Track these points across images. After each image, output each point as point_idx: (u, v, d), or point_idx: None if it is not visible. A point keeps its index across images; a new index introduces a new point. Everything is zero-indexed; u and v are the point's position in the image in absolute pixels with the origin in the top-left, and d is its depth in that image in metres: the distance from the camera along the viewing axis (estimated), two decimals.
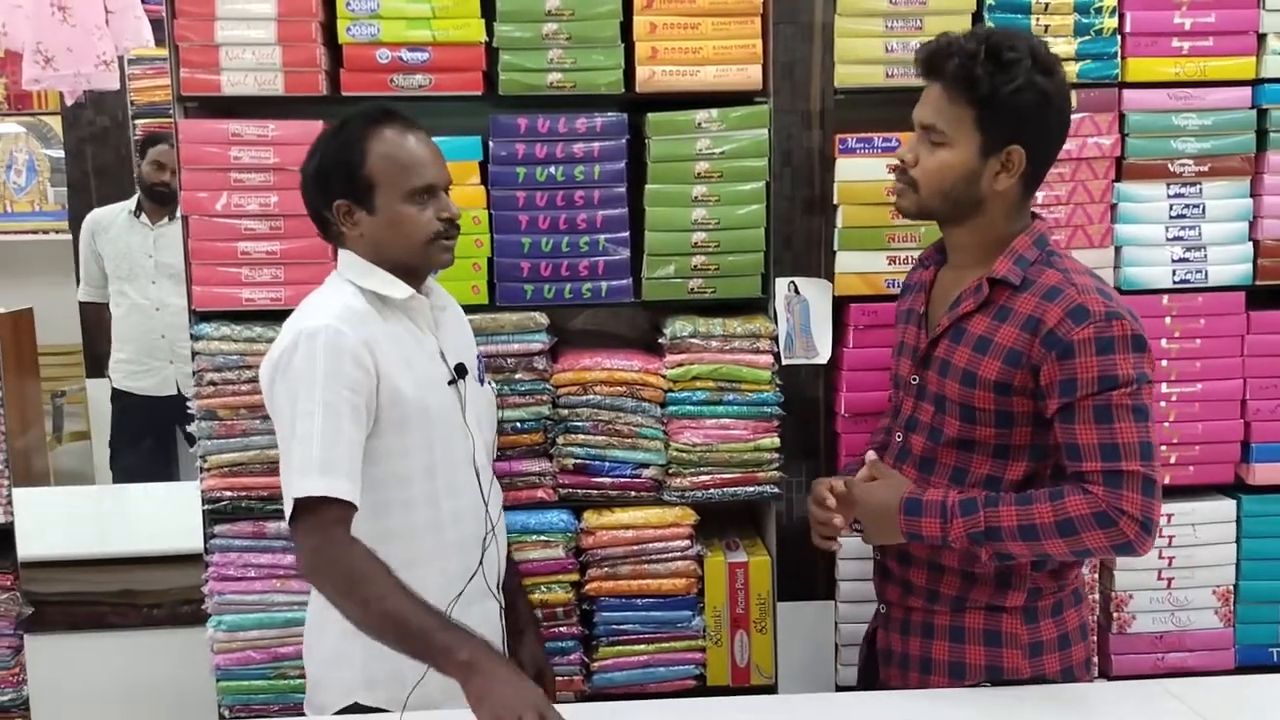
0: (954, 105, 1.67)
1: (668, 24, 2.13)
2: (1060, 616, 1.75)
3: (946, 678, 1.76)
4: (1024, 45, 1.65)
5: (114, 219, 4.17)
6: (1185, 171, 2.22)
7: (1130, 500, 1.59)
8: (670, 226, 2.18)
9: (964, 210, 1.72)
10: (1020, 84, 1.62)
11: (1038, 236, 1.73)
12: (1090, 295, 1.63)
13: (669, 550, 2.19)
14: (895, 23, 2.16)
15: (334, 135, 1.74)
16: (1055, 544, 1.63)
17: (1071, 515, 1.61)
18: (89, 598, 2.65)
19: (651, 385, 2.17)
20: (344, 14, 2.09)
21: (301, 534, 1.62)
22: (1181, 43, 2.19)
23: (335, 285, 1.77)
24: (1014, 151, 1.67)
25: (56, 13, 3.21)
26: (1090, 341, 1.60)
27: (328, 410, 1.61)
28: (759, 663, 2.25)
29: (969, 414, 1.72)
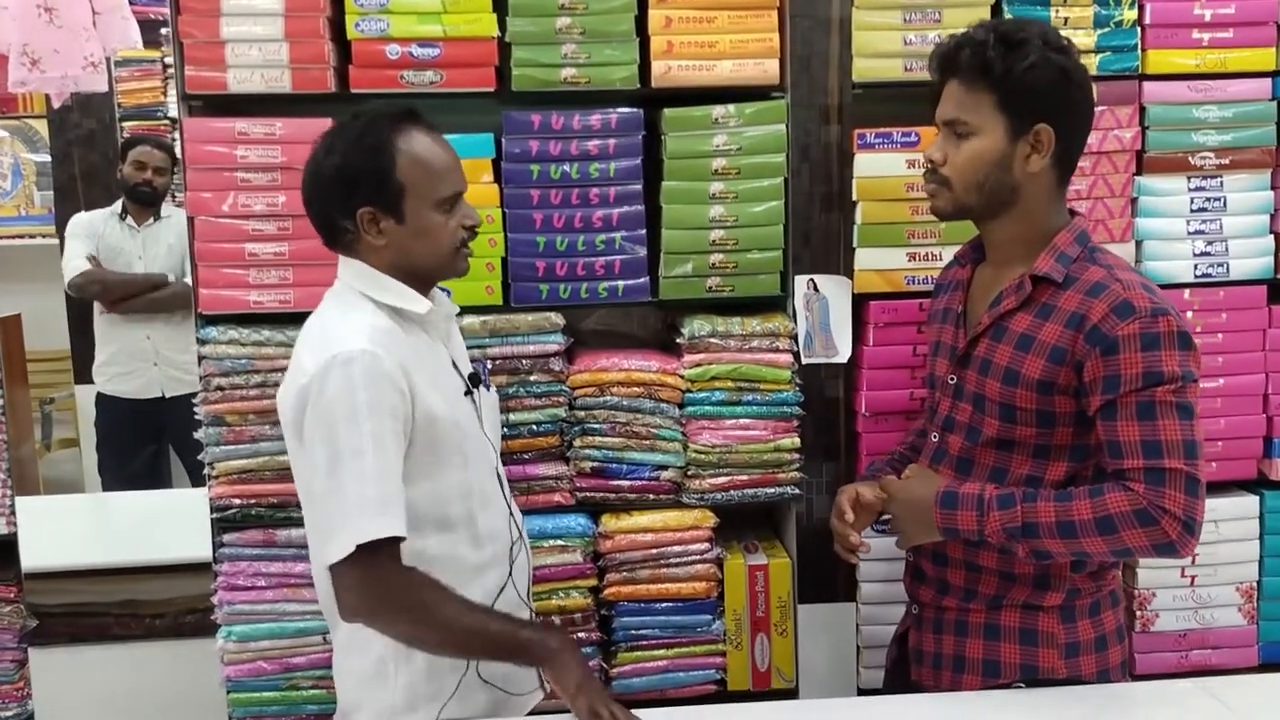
0: (973, 94, 1.67)
1: (683, 18, 2.09)
2: (1098, 617, 1.73)
3: (980, 676, 1.74)
4: (1033, 28, 1.68)
5: (103, 223, 4.10)
6: (1206, 164, 2.20)
7: (1173, 499, 1.56)
8: (687, 224, 2.14)
9: (1000, 201, 1.70)
10: (1034, 60, 1.63)
11: (1079, 233, 1.71)
12: (1135, 291, 1.62)
13: (688, 553, 2.15)
14: (914, 15, 2.13)
15: (359, 137, 1.63)
16: (1094, 542, 1.60)
17: (1112, 513, 1.58)
18: (92, 609, 2.61)
19: (669, 386, 2.13)
20: (352, 9, 2.04)
21: (359, 576, 1.54)
22: (1201, 34, 2.17)
23: (350, 300, 1.67)
24: (1042, 130, 1.66)
25: (43, 14, 3.16)
26: (1135, 337, 1.58)
27: (377, 444, 1.54)
28: (780, 666, 2.21)
29: (1009, 413, 1.69)
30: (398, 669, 1.67)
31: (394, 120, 1.65)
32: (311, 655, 2.10)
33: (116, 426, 4.21)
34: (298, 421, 1.61)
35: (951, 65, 1.70)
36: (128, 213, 4.11)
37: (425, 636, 1.59)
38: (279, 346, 2.06)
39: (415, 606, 1.56)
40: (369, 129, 1.63)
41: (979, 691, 1.73)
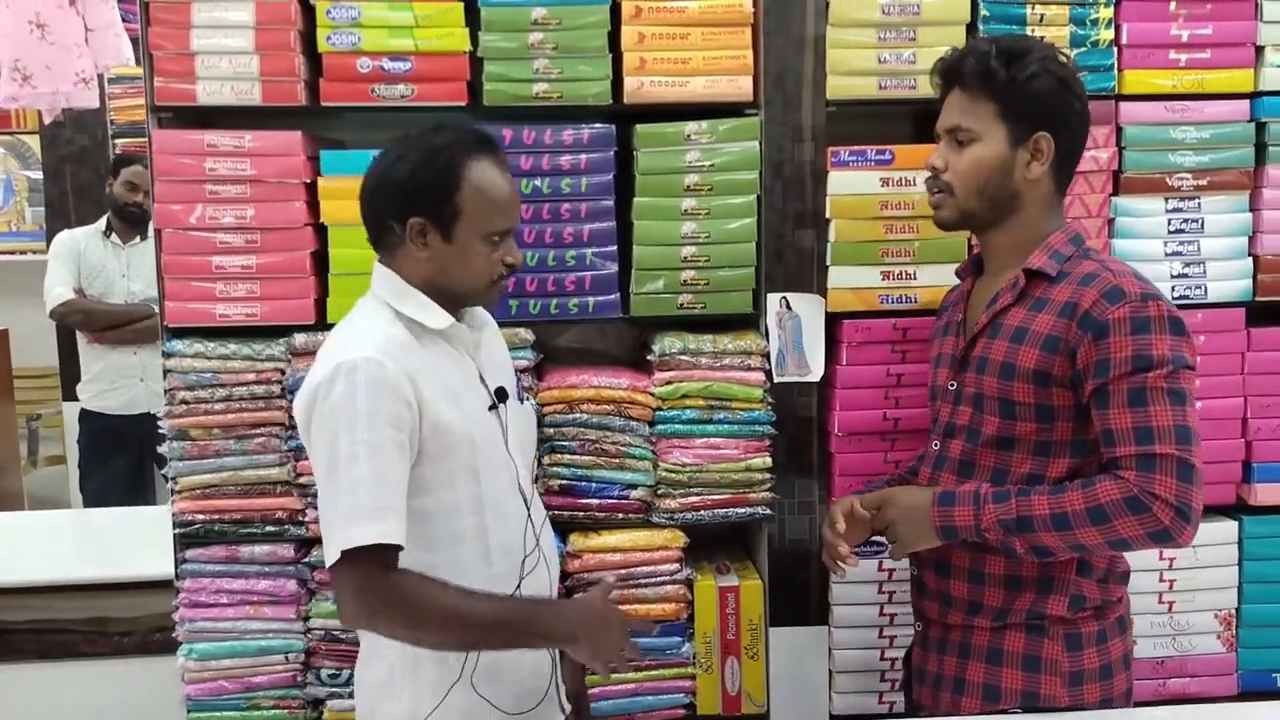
0: (976, 102, 1.72)
1: (656, 34, 2.08)
2: (1105, 645, 1.71)
3: (980, 700, 1.72)
4: (1033, 40, 1.78)
5: (88, 240, 4.10)
6: (1184, 185, 2.18)
7: (1163, 484, 1.56)
8: (659, 240, 2.13)
9: (1002, 207, 1.74)
10: (1035, 70, 1.69)
11: (1073, 235, 1.75)
12: (1126, 278, 1.65)
13: (658, 574, 2.12)
14: (888, 34, 2.12)
15: (434, 152, 1.64)
16: (1088, 533, 1.59)
17: (1103, 502, 1.58)
18: (58, 625, 2.57)
19: (640, 403, 2.11)
20: (324, 22, 2.04)
21: (351, 582, 1.55)
22: (1179, 55, 2.16)
23: (372, 309, 1.68)
24: (1041, 138, 1.71)
25: (35, 30, 3.17)
26: (1125, 321, 1.60)
27: (373, 451, 1.54)
28: (750, 690, 2.18)
29: (1008, 409, 1.70)
30: (401, 679, 1.66)
31: (471, 145, 1.66)
32: (273, 674, 2.08)
33: (100, 443, 4.20)
34: (305, 427, 1.62)
35: (955, 75, 1.75)
36: (113, 230, 4.11)
37: (430, 633, 1.58)
38: (245, 360, 2.05)
39: (410, 606, 1.55)
40: (445, 147, 1.65)
41: (975, 718, 1.71)
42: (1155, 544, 1.61)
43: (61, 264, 4.04)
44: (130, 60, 3.39)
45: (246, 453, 2.06)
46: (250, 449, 2.05)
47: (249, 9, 2.01)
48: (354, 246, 2.08)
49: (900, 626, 2.20)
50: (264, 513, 2.06)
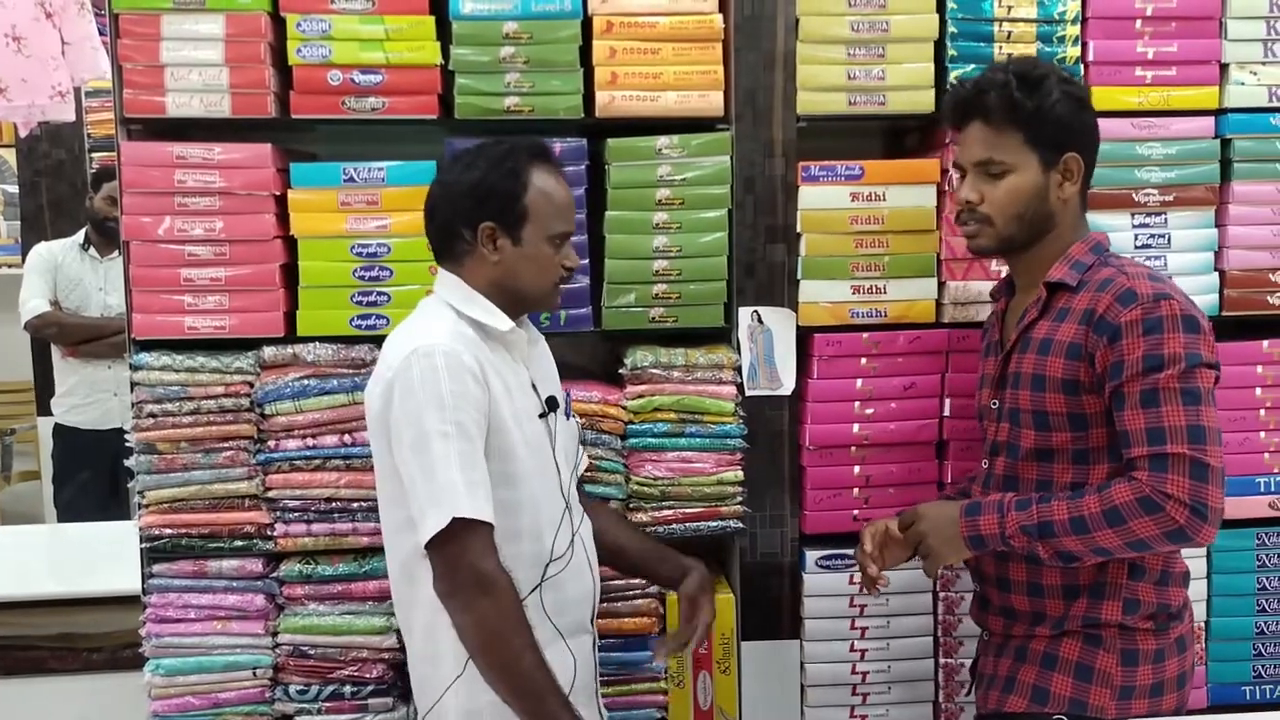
0: (1002, 134, 1.77)
1: (628, 49, 2.09)
2: (1161, 664, 1.72)
3: (1027, 700, 1.75)
4: (1043, 64, 1.82)
5: (65, 253, 4.08)
6: (1150, 201, 2.20)
7: (1176, 484, 1.58)
8: (631, 254, 2.13)
9: (1039, 228, 1.79)
10: (1057, 96, 1.75)
11: (1094, 244, 1.80)
12: (1139, 280, 1.68)
13: (630, 588, 2.12)
14: (857, 50, 2.14)
15: (500, 159, 1.74)
16: (1106, 535, 1.62)
17: (1117, 503, 1.61)
18: (24, 642, 2.54)
19: (612, 417, 2.11)
20: (294, 35, 2.04)
21: (454, 552, 1.59)
22: (1145, 72, 2.18)
23: (435, 310, 1.75)
24: (1071, 159, 1.77)
25: (11, 43, 3.16)
26: (1137, 323, 1.63)
27: (460, 431, 1.61)
28: (723, 704, 2.17)
29: (1043, 421, 1.73)
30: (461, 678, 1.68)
31: (533, 153, 1.77)
32: (241, 690, 2.06)
33: (74, 457, 4.17)
34: (384, 415, 1.66)
35: (975, 109, 1.79)
36: (91, 243, 4.09)
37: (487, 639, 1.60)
38: (213, 373, 2.03)
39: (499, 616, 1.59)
40: (510, 154, 1.75)
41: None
42: (1176, 544, 1.63)
43: (38, 276, 4.02)
44: (107, 74, 3.37)
45: (214, 466, 2.04)
46: (218, 463, 2.04)
47: (219, 22, 2.01)
48: (324, 259, 2.08)
49: (871, 640, 2.20)
50: (232, 527, 2.05)
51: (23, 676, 2.51)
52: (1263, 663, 2.26)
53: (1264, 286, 2.23)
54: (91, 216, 4.12)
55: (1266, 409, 2.23)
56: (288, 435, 2.04)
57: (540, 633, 1.68)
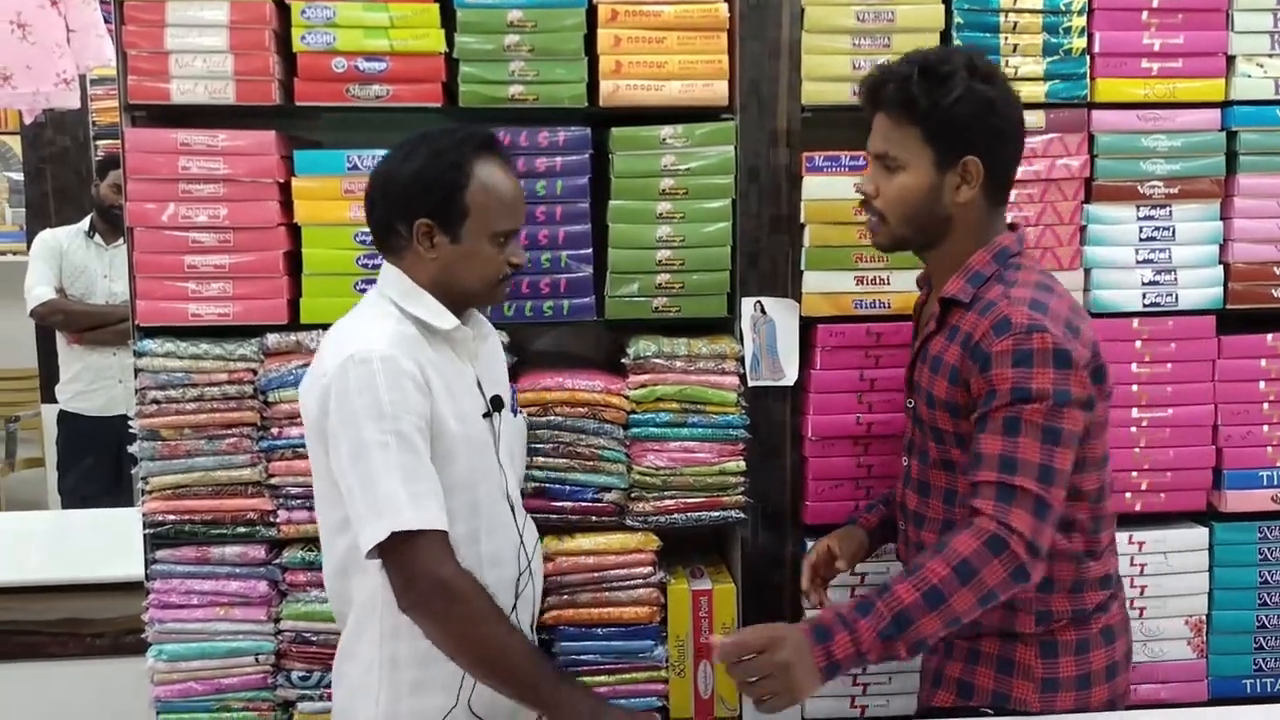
0: (899, 128, 1.68)
1: (632, 38, 2.09)
2: (1085, 655, 1.68)
3: (954, 695, 1.73)
4: (958, 59, 1.67)
5: (70, 240, 4.09)
6: (1155, 193, 2.20)
7: (1019, 518, 1.52)
8: (634, 244, 2.13)
9: (934, 232, 1.71)
10: (959, 94, 1.63)
11: (998, 250, 1.70)
12: (1018, 307, 1.59)
13: (631, 577, 2.12)
14: (863, 40, 2.13)
15: (441, 151, 1.65)
16: (962, 597, 1.51)
17: (965, 555, 1.51)
18: (28, 627, 2.55)
19: (614, 406, 2.11)
20: (299, 22, 2.03)
21: (403, 568, 1.54)
22: (1151, 64, 2.18)
23: (378, 306, 1.69)
24: (969, 162, 1.66)
25: (16, 30, 3.15)
26: (1008, 353, 1.57)
27: (401, 441, 1.55)
28: (723, 694, 2.17)
29: (939, 436, 1.70)
30: (381, 683, 1.66)
31: (478, 144, 1.68)
32: (243, 676, 2.07)
33: (78, 444, 4.18)
34: (320, 423, 1.61)
35: (877, 99, 1.71)
36: (96, 231, 4.10)
37: (462, 642, 1.56)
38: (217, 360, 2.04)
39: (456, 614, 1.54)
40: (452, 146, 1.66)
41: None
42: (1016, 584, 1.53)
43: (43, 263, 4.03)
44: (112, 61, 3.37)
45: (218, 453, 2.04)
46: (221, 449, 2.04)
47: (224, 8, 2.01)
48: (328, 247, 2.08)
49: None
50: (235, 513, 2.05)
51: (26, 661, 2.52)
52: (1264, 656, 2.26)
53: (1269, 280, 2.22)
54: (96, 204, 4.13)
55: (1270, 403, 2.23)
56: (291, 422, 2.03)
57: None
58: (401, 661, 1.66)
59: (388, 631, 1.66)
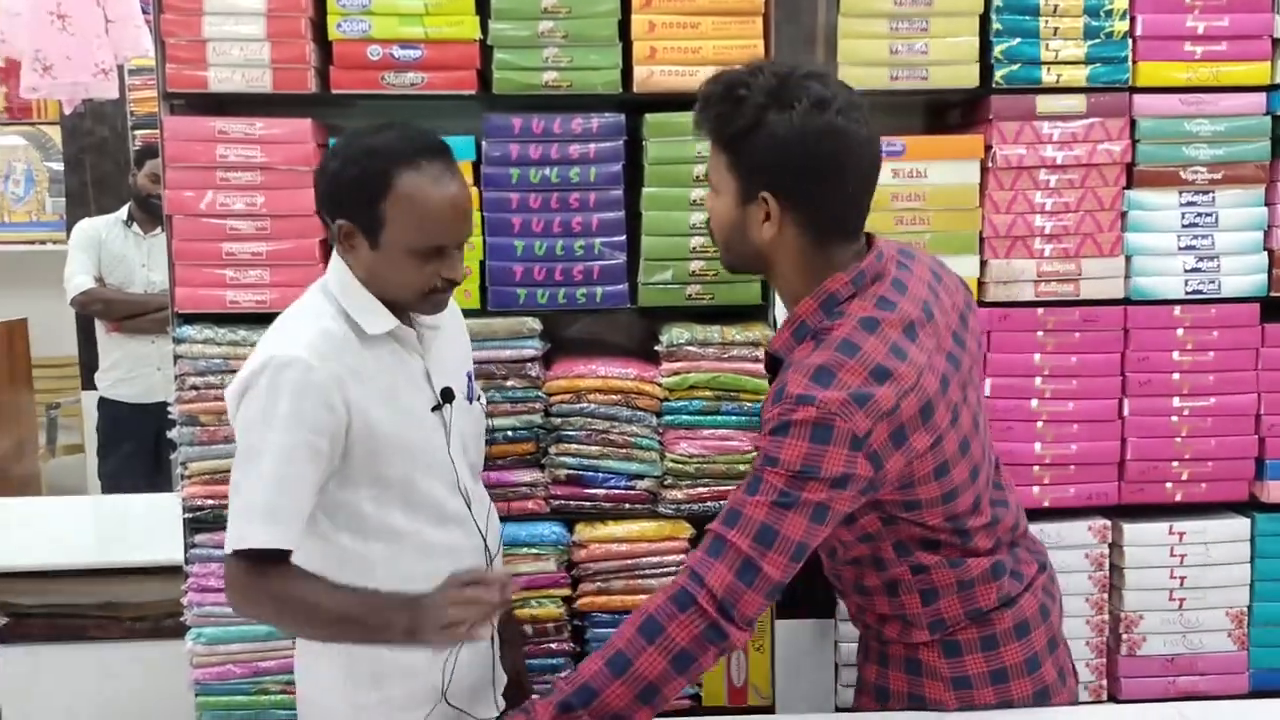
0: (714, 150, 1.53)
1: (667, 23, 2.08)
2: (994, 651, 1.59)
3: (874, 700, 1.66)
4: (761, 81, 1.46)
5: (109, 229, 4.13)
6: (1198, 179, 2.16)
7: (717, 574, 1.38)
8: (668, 231, 2.13)
9: (753, 264, 1.57)
10: (746, 124, 1.45)
11: (824, 299, 1.51)
12: (798, 374, 1.44)
13: (663, 564, 2.12)
14: (900, 24, 2.11)
15: (363, 154, 1.56)
16: (648, 657, 1.39)
17: (650, 611, 1.41)
18: (69, 610, 2.58)
19: (647, 394, 2.11)
20: (334, 10, 2.04)
21: (234, 576, 1.56)
22: (1194, 47, 2.14)
23: (318, 300, 1.65)
24: (767, 198, 1.47)
25: (55, 21, 3.19)
26: (772, 420, 1.43)
27: (281, 453, 1.53)
28: (756, 683, 2.17)
29: None
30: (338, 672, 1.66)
31: (408, 151, 1.56)
32: (281, 659, 2.08)
33: (117, 430, 4.23)
34: (233, 414, 1.61)
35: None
36: (134, 220, 4.14)
37: (293, 626, 1.60)
38: (254, 347, 2.05)
39: (275, 602, 1.55)
40: (377, 152, 1.56)
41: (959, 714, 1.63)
42: (712, 645, 1.40)
43: (82, 252, 4.07)
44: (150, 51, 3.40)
45: None
46: None
47: None
48: None
49: None
50: None
51: (69, 643, 2.56)
52: None
53: None
54: (134, 193, 4.16)
55: None
56: None
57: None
58: (356, 652, 1.65)
59: None
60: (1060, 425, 2.19)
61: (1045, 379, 2.18)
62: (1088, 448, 2.19)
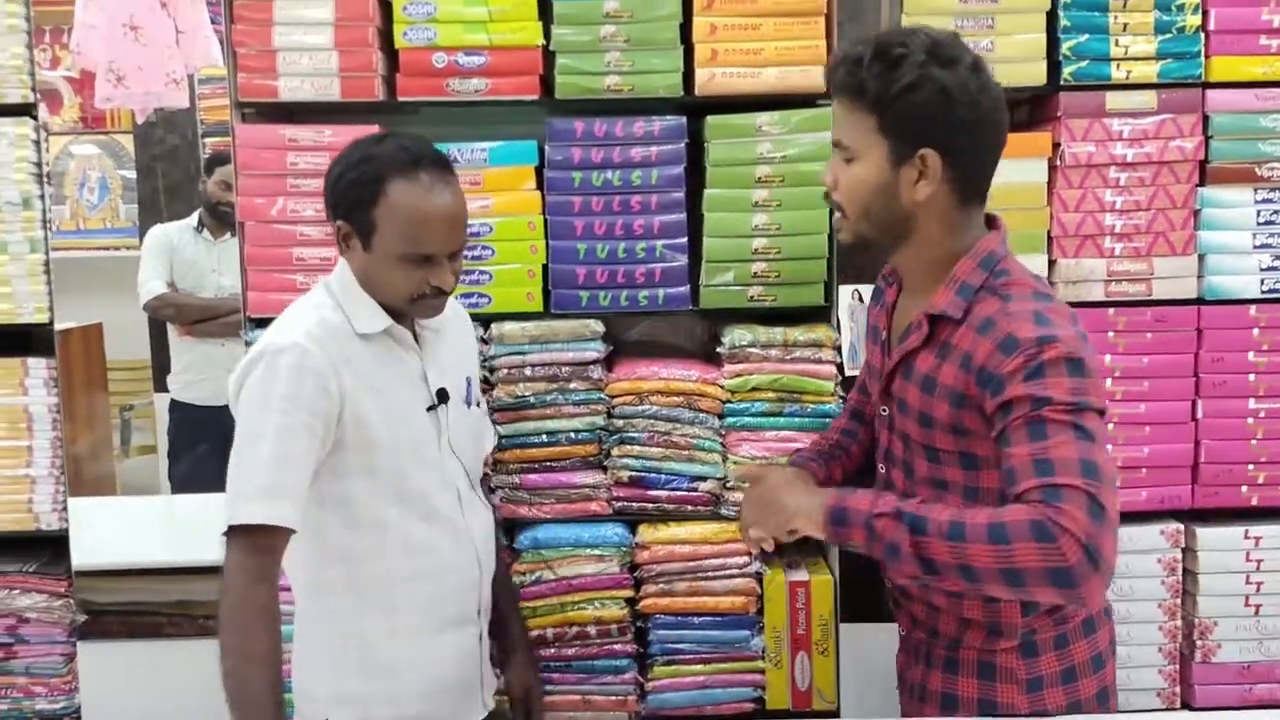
0: (853, 115, 1.54)
1: (728, 25, 2.08)
2: (1065, 649, 1.60)
3: (938, 709, 1.65)
4: (918, 40, 1.50)
5: (180, 235, 4.23)
6: (1274, 176, 2.11)
7: (1071, 517, 1.34)
8: (730, 233, 2.12)
9: (895, 230, 1.57)
10: (911, 80, 1.47)
11: (983, 257, 1.55)
12: (1021, 322, 1.46)
13: (727, 567, 2.12)
14: (965, 22, 2.09)
15: (360, 161, 1.66)
16: (980, 551, 1.37)
17: (1005, 520, 1.37)
18: (146, 607, 2.65)
19: (709, 396, 2.11)
20: (401, 18, 2.07)
21: (230, 556, 1.59)
22: (1270, 40, 2.09)
23: (319, 295, 1.74)
24: (927, 155, 1.50)
25: (129, 33, 3.28)
26: (1020, 370, 1.43)
27: (279, 434, 1.58)
28: (821, 687, 2.16)
29: (934, 455, 1.59)
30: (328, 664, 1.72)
31: (404, 160, 1.64)
32: None
33: (188, 432, 4.32)
34: (234, 401, 1.67)
35: (833, 83, 1.57)
36: (204, 226, 4.23)
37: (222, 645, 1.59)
38: None
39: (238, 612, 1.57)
40: (372, 158, 1.65)
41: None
42: (1054, 588, 1.37)
43: (155, 258, 4.17)
44: (219, 61, 3.48)
45: None
46: None
47: (329, 6, 2.06)
48: None
49: None
50: None
51: (144, 640, 2.62)
52: None
53: None
54: (204, 200, 4.25)
55: None
56: None
57: (410, 622, 1.70)
58: (345, 644, 1.70)
59: (325, 613, 1.72)
60: (1132, 428, 2.15)
61: (1116, 380, 2.14)
62: (1160, 450, 2.15)
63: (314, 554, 1.69)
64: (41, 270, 2.21)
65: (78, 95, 5.32)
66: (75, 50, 3.38)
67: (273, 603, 1.59)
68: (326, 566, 1.70)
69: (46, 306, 2.22)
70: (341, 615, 1.71)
